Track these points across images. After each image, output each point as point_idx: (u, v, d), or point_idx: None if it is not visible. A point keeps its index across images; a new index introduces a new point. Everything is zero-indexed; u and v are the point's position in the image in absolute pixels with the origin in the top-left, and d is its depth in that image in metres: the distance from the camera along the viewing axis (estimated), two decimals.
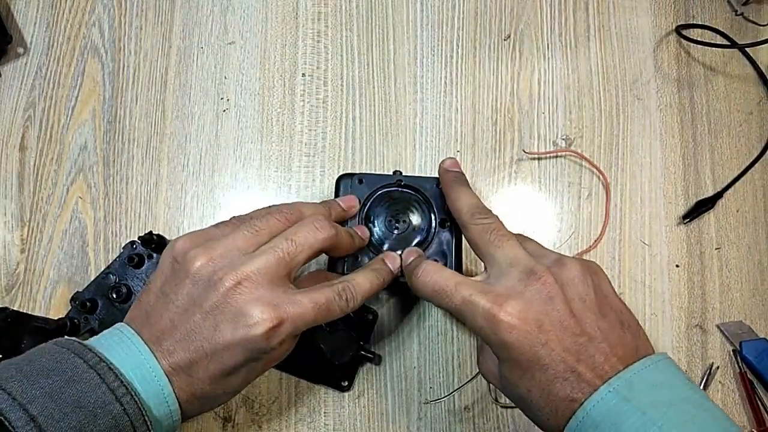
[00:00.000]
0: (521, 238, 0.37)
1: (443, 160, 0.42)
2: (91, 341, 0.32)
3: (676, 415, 0.28)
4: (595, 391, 0.29)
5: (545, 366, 0.31)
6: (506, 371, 0.33)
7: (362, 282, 0.37)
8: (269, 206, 0.38)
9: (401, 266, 0.40)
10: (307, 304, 0.32)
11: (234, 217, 0.37)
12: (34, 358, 0.29)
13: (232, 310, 0.31)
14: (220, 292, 0.31)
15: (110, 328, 0.33)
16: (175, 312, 0.32)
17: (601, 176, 0.50)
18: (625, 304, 0.34)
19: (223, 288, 0.31)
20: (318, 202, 0.41)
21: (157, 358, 0.31)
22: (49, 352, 0.30)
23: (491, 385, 0.37)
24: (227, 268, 0.32)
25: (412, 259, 0.39)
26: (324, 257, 0.42)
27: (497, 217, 0.37)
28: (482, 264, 0.36)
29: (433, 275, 0.35)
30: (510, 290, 0.32)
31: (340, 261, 0.41)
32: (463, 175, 0.41)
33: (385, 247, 0.42)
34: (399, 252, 0.41)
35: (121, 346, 0.31)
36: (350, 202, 0.41)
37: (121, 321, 0.44)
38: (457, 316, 0.34)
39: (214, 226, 0.36)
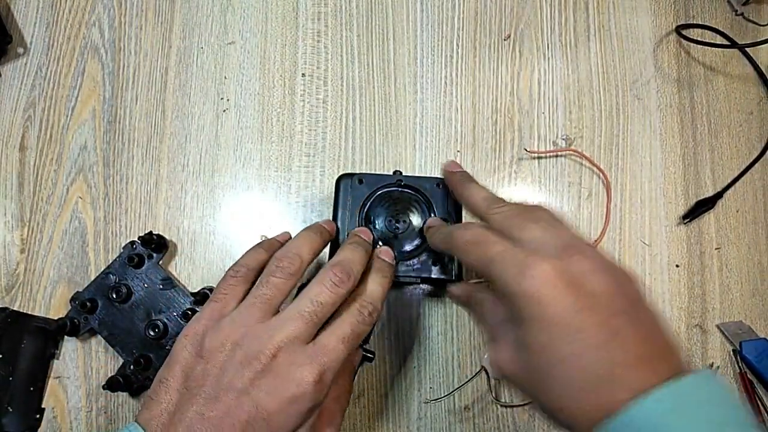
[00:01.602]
0: (549, 221, 0.33)
1: (445, 164, 0.42)
2: None
3: None
4: (644, 394, 0.26)
5: (580, 331, 0.27)
6: (532, 337, 0.29)
7: (374, 288, 0.36)
8: (258, 245, 0.38)
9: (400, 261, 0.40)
10: (337, 345, 0.32)
11: (230, 270, 0.36)
12: None
13: (273, 383, 0.30)
14: (257, 368, 0.31)
15: None
16: (204, 403, 0.31)
17: (602, 175, 0.50)
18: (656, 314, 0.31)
19: (259, 365, 0.31)
20: (300, 231, 0.39)
21: None
22: None
23: (503, 378, 0.34)
24: (256, 345, 0.31)
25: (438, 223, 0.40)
26: (324, 254, 0.41)
27: (516, 203, 0.35)
28: None
29: (475, 228, 0.34)
30: (547, 254, 0.29)
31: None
32: (467, 173, 0.41)
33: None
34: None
35: None
36: (330, 225, 0.41)
37: (120, 321, 0.44)
38: (485, 268, 0.31)
39: (214, 296, 0.35)
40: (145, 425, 0.31)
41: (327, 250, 0.41)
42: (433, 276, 0.42)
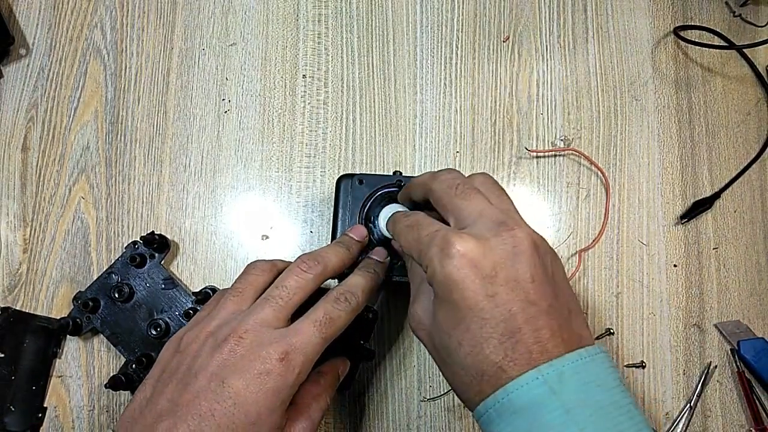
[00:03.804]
0: (488, 191, 0.33)
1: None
2: None
3: (601, 421, 0.26)
4: (522, 374, 0.27)
5: (484, 321, 0.28)
6: (442, 315, 0.30)
7: (356, 280, 0.37)
8: (256, 265, 0.38)
9: (396, 264, 0.40)
10: (308, 327, 0.32)
11: (215, 294, 0.38)
12: None
13: (240, 362, 0.31)
14: (225, 351, 0.31)
15: None
16: (174, 389, 0.31)
17: (600, 175, 0.50)
18: (575, 294, 0.32)
19: (227, 347, 0.31)
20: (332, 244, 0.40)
21: None
22: None
23: (418, 339, 0.34)
24: (227, 330, 0.32)
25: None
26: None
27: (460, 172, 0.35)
28: None
29: (417, 214, 0.35)
30: (475, 234, 0.29)
31: None
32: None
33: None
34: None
35: None
36: (361, 232, 0.41)
37: (122, 321, 0.44)
38: (416, 249, 0.32)
39: (200, 311, 0.37)
40: (117, 428, 0.31)
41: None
42: None
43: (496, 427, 0.28)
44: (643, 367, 0.47)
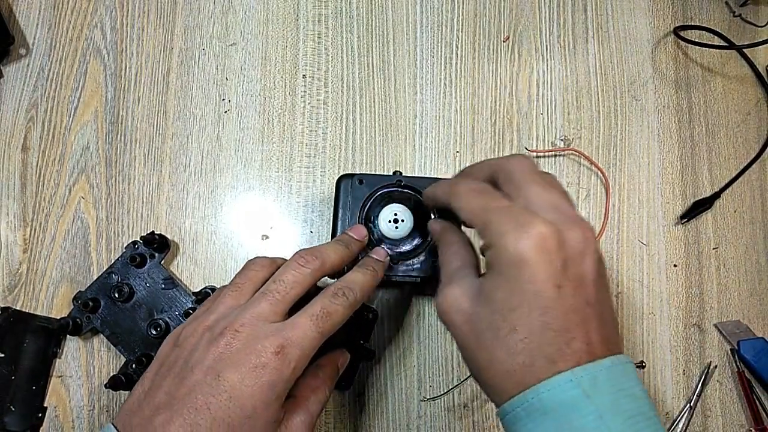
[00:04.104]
0: (560, 189, 0.32)
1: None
2: None
3: (630, 430, 0.26)
4: (555, 375, 0.27)
5: (547, 309, 0.27)
6: (500, 294, 0.29)
7: (354, 276, 0.36)
8: (251, 260, 0.38)
9: (396, 263, 0.40)
10: (305, 322, 0.32)
11: (216, 291, 0.38)
12: None
13: (236, 356, 0.30)
14: (221, 344, 0.31)
15: None
16: (171, 383, 0.31)
17: (600, 175, 0.50)
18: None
19: (223, 340, 0.31)
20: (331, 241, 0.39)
21: None
22: None
23: (444, 322, 0.32)
24: (224, 324, 0.32)
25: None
26: None
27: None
28: None
29: (479, 182, 0.34)
30: (552, 221, 0.29)
31: None
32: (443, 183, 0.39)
33: (385, 246, 0.42)
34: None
35: None
36: (361, 232, 0.40)
37: (122, 321, 0.44)
38: (483, 218, 0.30)
39: (200, 307, 0.37)
40: (116, 421, 0.31)
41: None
42: (432, 275, 0.42)
43: (523, 427, 0.27)
44: (643, 367, 0.47)
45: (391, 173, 0.44)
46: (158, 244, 0.45)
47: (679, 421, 0.46)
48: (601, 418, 0.26)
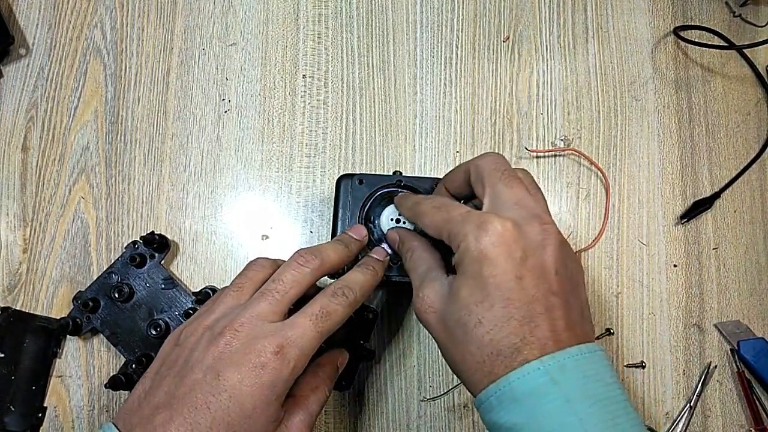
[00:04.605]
0: (529, 185, 0.34)
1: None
2: None
3: (599, 413, 0.27)
4: (525, 364, 0.28)
5: (509, 301, 0.29)
6: (466, 291, 0.30)
7: (354, 276, 0.36)
8: (253, 260, 0.38)
9: (396, 264, 0.40)
10: (304, 321, 0.32)
11: (217, 292, 0.38)
12: None
13: (235, 356, 0.31)
14: (221, 344, 0.31)
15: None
16: (171, 382, 0.31)
17: (600, 175, 0.50)
18: (588, 299, 0.33)
19: (223, 340, 0.31)
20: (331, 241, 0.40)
21: None
22: None
23: (422, 322, 0.34)
24: (224, 323, 0.32)
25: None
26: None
27: None
28: None
29: (442, 197, 0.36)
30: (511, 218, 0.31)
31: None
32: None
33: (385, 246, 0.42)
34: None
35: None
36: (361, 232, 0.41)
37: (122, 321, 0.44)
38: (445, 227, 0.32)
39: (201, 307, 0.37)
40: (116, 420, 0.31)
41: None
42: None
43: (496, 415, 0.29)
44: (643, 367, 0.47)
45: (391, 173, 0.44)
46: (158, 244, 0.45)
47: (679, 421, 0.46)
48: (568, 402, 0.27)
